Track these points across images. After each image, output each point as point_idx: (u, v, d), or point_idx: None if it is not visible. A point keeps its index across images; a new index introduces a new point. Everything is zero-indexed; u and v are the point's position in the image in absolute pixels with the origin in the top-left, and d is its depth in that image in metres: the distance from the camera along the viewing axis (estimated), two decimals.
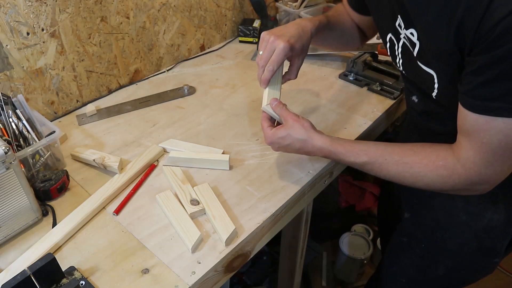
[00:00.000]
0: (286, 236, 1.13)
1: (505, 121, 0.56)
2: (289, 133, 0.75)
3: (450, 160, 0.66)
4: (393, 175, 0.72)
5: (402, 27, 0.71)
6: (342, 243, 1.64)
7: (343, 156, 0.75)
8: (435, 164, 0.67)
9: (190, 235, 0.70)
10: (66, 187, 0.81)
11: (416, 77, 0.76)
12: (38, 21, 0.91)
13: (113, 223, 0.75)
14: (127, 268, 0.67)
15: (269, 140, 0.77)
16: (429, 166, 0.68)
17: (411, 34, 0.68)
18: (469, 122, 0.61)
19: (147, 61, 1.20)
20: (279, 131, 0.76)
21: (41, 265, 0.59)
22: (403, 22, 0.70)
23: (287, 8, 1.45)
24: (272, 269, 1.57)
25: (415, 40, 0.68)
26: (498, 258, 0.84)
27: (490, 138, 0.59)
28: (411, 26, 0.68)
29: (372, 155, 0.72)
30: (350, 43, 1.00)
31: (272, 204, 0.78)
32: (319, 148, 0.75)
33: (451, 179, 0.66)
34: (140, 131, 0.98)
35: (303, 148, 0.76)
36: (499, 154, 0.60)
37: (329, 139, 0.75)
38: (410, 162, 0.69)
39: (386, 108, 1.06)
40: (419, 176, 0.69)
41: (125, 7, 1.07)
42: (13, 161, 0.66)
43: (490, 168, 0.62)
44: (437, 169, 0.67)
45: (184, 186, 0.80)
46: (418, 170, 0.69)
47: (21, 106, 0.85)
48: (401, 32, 0.72)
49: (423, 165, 0.68)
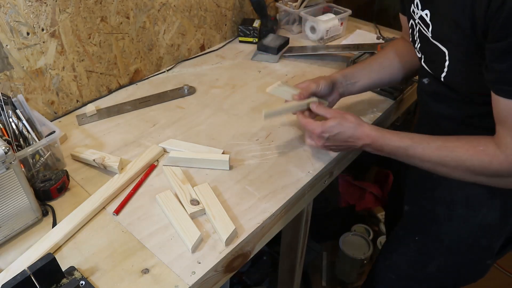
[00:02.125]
0: (286, 236, 1.13)
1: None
2: (339, 121, 0.79)
3: (491, 146, 0.67)
4: (435, 160, 0.73)
5: (419, 8, 0.74)
6: (342, 243, 1.64)
7: (389, 140, 0.77)
8: (476, 148, 0.68)
9: (190, 235, 0.70)
10: (66, 187, 0.81)
11: (430, 57, 0.77)
12: (38, 21, 0.91)
13: (113, 223, 0.75)
14: (127, 268, 0.67)
15: (320, 130, 0.79)
16: (470, 151, 0.69)
17: (425, 15, 0.71)
18: (503, 109, 0.63)
19: (147, 61, 1.20)
20: (329, 121, 0.79)
21: (41, 265, 0.59)
22: (420, 3, 0.73)
23: (287, 8, 1.45)
24: (272, 269, 1.57)
25: (428, 21, 0.71)
26: (491, 259, 0.84)
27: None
28: (426, 8, 0.71)
29: (416, 139, 0.74)
30: (394, 76, 0.99)
31: (272, 204, 0.78)
32: (368, 134, 0.78)
33: (492, 165, 0.67)
34: (140, 131, 0.98)
35: (354, 135, 0.79)
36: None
37: (375, 127, 0.79)
38: (451, 146, 0.71)
39: (386, 108, 1.06)
40: (461, 160, 0.70)
41: (125, 7, 1.07)
42: (13, 161, 0.66)
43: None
44: (477, 153, 0.68)
45: (184, 186, 0.80)
46: (459, 154, 0.70)
47: (21, 106, 0.85)
48: (415, 16, 0.76)
49: (465, 149, 0.69)
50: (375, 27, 1.48)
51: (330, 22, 1.37)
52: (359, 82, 0.96)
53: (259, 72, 1.23)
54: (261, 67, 1.26)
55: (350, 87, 0.96)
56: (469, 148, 0.69)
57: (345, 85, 0.95)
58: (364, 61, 1.00)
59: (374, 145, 0.78)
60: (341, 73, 0.96)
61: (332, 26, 1.38)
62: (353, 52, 1.26)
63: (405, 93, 1.13)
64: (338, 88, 0.94)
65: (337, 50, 1.29)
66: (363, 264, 1.63)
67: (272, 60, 1.29)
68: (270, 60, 1.29)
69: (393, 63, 0.97)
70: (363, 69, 0.97)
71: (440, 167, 0.73)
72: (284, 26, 1.51)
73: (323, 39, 1.38)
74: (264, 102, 1.08)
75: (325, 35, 1.37)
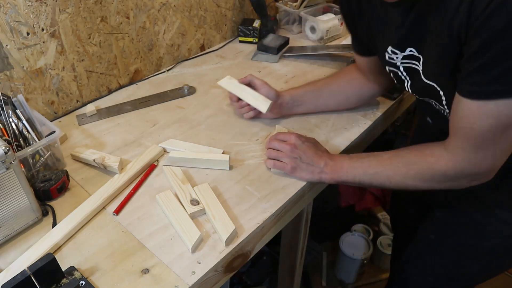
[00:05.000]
0: (286, 236, 1.13)
1: (497, 104, 0.58)
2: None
3: (437, 149, 0.70)
4: (389, 169, 0.75)
5: (397, 54, 0.74)
6: (342, 243, 1.64)
7: (349, 157, 0.80)
8: (423, 152, 0.72)
9: (190, 235, 0.70)
10: (66, 187, 0.81)
11: (425, 94, 0.77)
12: (38, 21, 0.91)
13: (113, 223, 0.75)
14: (127, 268, 0.66)
15: (294, 135, 0.84)
16: (418, 155, 0.73)
17: (410, 52, 0.71)
18: (462, 110, 0.62)
19: (147, 61, 1.20)
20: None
21: (41, 265, 0.59)
22: (397, 48, 0.73)
23: (287, 8, 1.45)
24: (272, 269, 1.57)
25: (417, 54, 0.70)
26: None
27: (481, 123, 0.60)
28: (408, 46, 0.71)
29: (370, 154, 0.79)
30: (351, 99, 1.00)
31: (272, 204, 0.78)
32: (330, 156, 0.83)
33: (438, 165, 0.69)
34: (140, 131, 0.98)
35: (322, 150, 0.84)
36: (489, 138, 0.61)
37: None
38: (402, 154, 0.75)
39: (386, 109, 1.06)
40: (410, 164, 0.73)
41: (125, 7, 1.07)
42: (13, 161, 0.66)
43: (479, 152, 0.64)
44: (424, 156, 0.71)
45: (184, 186, 0.80)
46: (408, 158, 0.73)
47: (21, 106, 0.85)
48: (396, 60, 0.75)
49: (413, 154, 0.73)
50: None
51: (330, 22, 1.37)
52: (304, 106, 0.99)
53: (259, 72, 1.23)
54: (261, 67, 1.26)
55: (294, 109, 0.99)
56: (417, 153, 0.73)
57: (290, 106, 0.97)
58: (316, 84, 1.01)
59: (333, 163, 0.80)
60: (290, 94, 0.97)
61: (332, 26, 1.38)
62: (352, 52, 1.26)
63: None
64: (282, 108, 0.97)
65: (337, 50, 1.29)
66: (363, 264, 1.63)
67: (272, 60, 1.29)
68: (270, 60, 1.29)
69: (343, 92, 0.99)
70: (312, 93, 0.99)
71: (395, 176, 0.74)
72: (284, 26, 1.51)
73: (323, 39, 1.38)
74: None
75: (325, 35, 1.37)
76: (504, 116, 0.58)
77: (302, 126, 0.99)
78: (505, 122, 0.59)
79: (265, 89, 0.95)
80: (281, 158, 0.83)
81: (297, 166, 0.81)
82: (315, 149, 0.82)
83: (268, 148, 0.86)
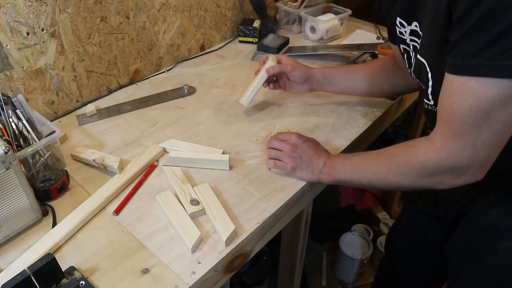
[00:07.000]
0: (286, 236, 1.13)
1: (477, 81, 0.54)
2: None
3: (420, 139, 0.69)
4: (377, 165, 0.74)
5: (405, 27, 0.72)
6: (342, 243, 1.64)
7: (343, 157, 0.80)
8: (406, 144, 0.72)
9: (190, 235, 0.70)
10: (66, 187, 0.81)
11: (417, 73, 0.75)
12: (38, 21, 0.91)
13: (113, 223, 0.75)
14: (127, 268, 0.67)
15: (295, 135, 0.85)
16: (401, 147, 0.72)
17: (415, 26, 0.70)
18: (446, 89, 0.60)
19: (147, 61, 1.20)
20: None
21: (41, 265, 0.59)
22: (403, 19, 0.72)
23: (287, 8, 1.45)
24: (272, 269, 1.57)
25: (419, 31, 0.70)
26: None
27: (460, 104, 0.57)
28: (413, 19, 0.70)
29: (360, 153, 0.79)
30: (384, 88, 0.98)
31: (272, 204, 0.78)
32: (328, 154, 0.83)
33: (417, 154, 0.67)
34: (140, 131, 0.98)
35: (321, 149, 0.84)
36: (469, 124, 0.58)
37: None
38: (388, 149, 0.74)
39: (386, 109, 1.06)
40: (392, 157, 0.72)
41: (125, 7, 1.07)
42: (13, 161, 0.66)
43: (458, 140, 0.60)
44: (406, 147, 0.71)
45: (184, 186, 0.80)
46: (392, 151, 0.73)
47: (21, 106, 0.85)
48: (405, 35, 0.74)
49: (398, 148, 0.73)
50: (375, 27, 1.48)
51: (330, 22, 1.37)
52: (336, 86, 0.98)
53: None
54: None
55: (325, 87, 0.99)
56: (401, 146, 0.72)
57: (322, 83, 0.97)
58: (351, 67, 1.01)
59: (330, 163, 0.80)
60: (322, 72, 0.97)
61: (332, 26, 1.38)
62: (353, 52, 1.26)
63: None
64: (312, 84, 0.97)
65: (337, 50, 1.29)
66: (363, 264, 1.63)
67: None
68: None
69: (378, 78, 0.97)
70: (345, 75, 0.98)
71: (379, 172, 0.73)
72: (284, 26, 1.51)
73: (323, 39, 1.38)
74: (264, 101, 1.08)
75: (325, 35, 1.37)
76: (484, 98, 0.55)
77: (302, 126, 0.99)
78: (485, 107, 0.55)
79: (294, 67, 0.96)
80: (281, 158, 0.83)
81: (297, 166, 0.82)
82: (315, 149, 0.83)
83: (268, 147, 0.86)
